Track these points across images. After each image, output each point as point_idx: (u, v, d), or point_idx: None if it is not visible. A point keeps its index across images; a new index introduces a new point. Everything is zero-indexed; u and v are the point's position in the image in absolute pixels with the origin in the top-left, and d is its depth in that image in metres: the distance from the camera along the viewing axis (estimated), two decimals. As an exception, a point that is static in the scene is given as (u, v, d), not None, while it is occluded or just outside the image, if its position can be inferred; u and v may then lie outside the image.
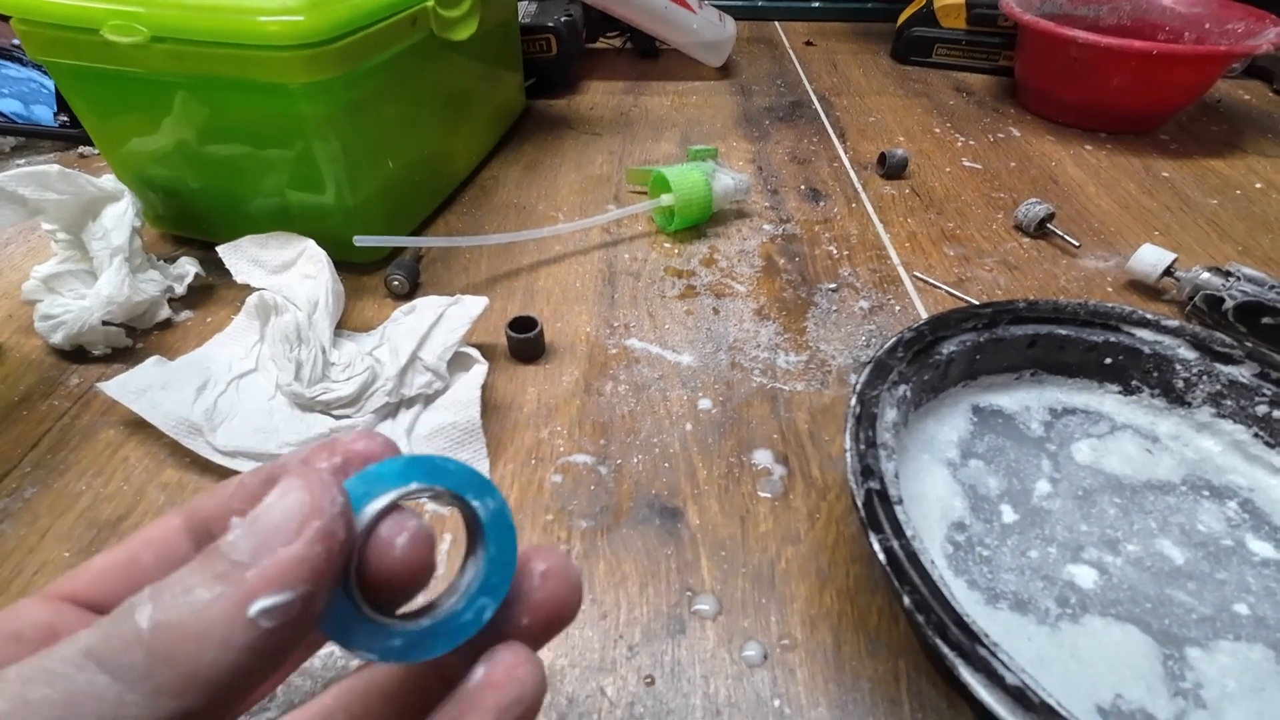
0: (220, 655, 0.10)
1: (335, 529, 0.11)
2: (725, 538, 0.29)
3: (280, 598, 0.10)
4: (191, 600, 0.10)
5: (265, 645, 0.10)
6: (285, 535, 0.11)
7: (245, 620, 0.10)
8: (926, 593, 0.20)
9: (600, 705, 0.24)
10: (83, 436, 0.33)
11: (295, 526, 0.11)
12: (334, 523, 0.11)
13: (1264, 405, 0.29)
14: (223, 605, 0.10)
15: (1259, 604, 0.25)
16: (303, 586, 0.10)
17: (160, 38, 0.34)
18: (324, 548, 0.11)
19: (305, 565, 0.11)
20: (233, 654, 0.10)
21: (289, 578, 0.10)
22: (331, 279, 0.37)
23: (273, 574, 0.10)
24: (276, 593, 0.10)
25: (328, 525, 0.11)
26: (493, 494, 0.13)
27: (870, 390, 0.27)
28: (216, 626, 0.10)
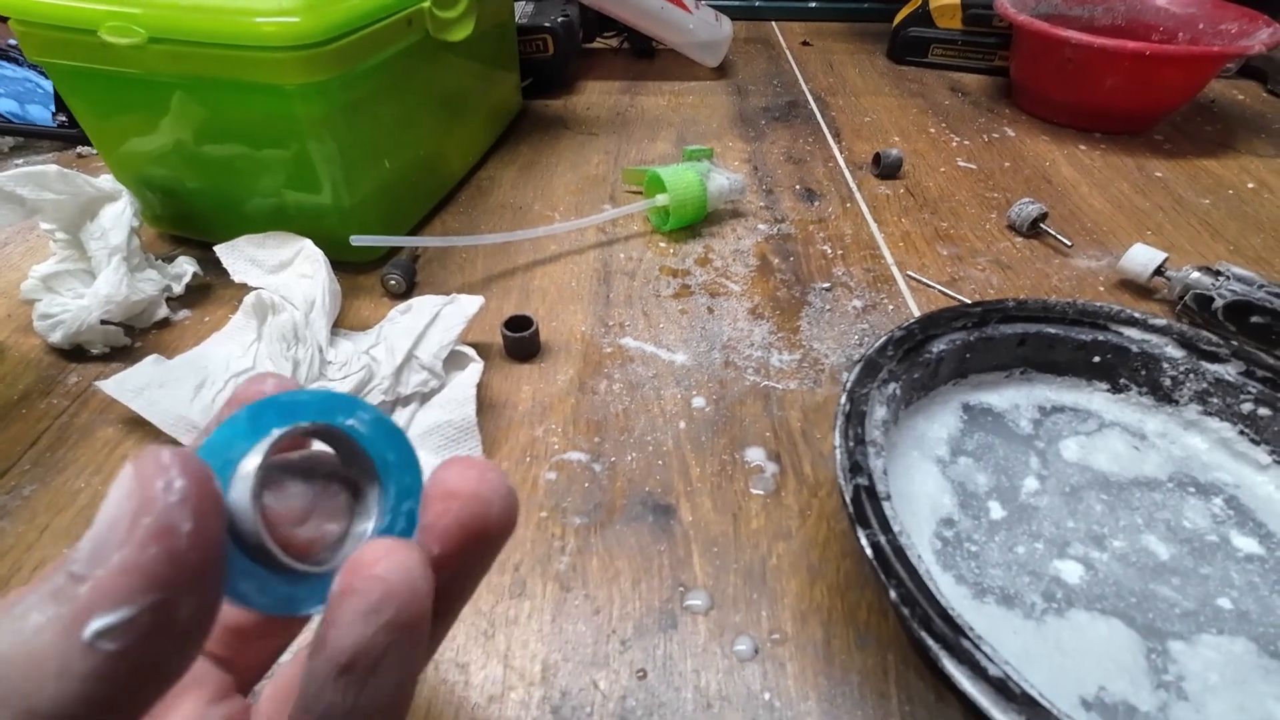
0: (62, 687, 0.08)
1: (174, 521, 0.09)
2: (717, 534, 0.30)
3: (117, 615, 0.09)
4: (22, 627, 0.09)
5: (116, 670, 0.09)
6: (118, 537, 0.09)
7: (81, 646, 0.09)
8: (912, 586, 0.21)
9: (593, 698, 0.24)
10: (81, 434, 0.33)
11: (126, 526, 0.09)
12: (171, 514, 0.09)
13: (1249, 403, 0.29)
14: (54, 631, 0.09)
15: (1242, 598, 0.25)
16: (145, 597, 0.09)
17: (158, 39, 0.35)
18: (161, 548, 0.09)
19: (140, 573, 0.09)
20: (76, 684, 0.08)
21: (123, 591, 0.09)
22: (328, 278, 0.37)
23: (105, 588, 0.09)
24: (111, 610, 0.09)
25: (161, 521, 0.09)
26: (360, 405, 0.13)
27: (860, 388, 0.27)
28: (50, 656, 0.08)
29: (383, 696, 0.11)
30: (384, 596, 0.11)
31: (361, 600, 0.11)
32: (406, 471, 0.13)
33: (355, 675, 0.11)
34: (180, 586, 0.09)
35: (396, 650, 0.11)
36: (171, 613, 0.09)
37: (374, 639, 0.11)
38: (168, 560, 0.09)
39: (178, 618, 0.09)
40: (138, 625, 0.09)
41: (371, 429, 0.13)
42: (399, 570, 0.11)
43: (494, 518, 0.13)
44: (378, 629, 0.11)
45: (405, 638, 0.11)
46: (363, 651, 0.11)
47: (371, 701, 0.11)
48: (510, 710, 0.24)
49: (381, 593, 0.11)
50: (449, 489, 0.13)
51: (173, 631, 0.09)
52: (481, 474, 0.13)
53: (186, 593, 0.09)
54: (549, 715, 0.24)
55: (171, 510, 0.09)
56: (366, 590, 0.11)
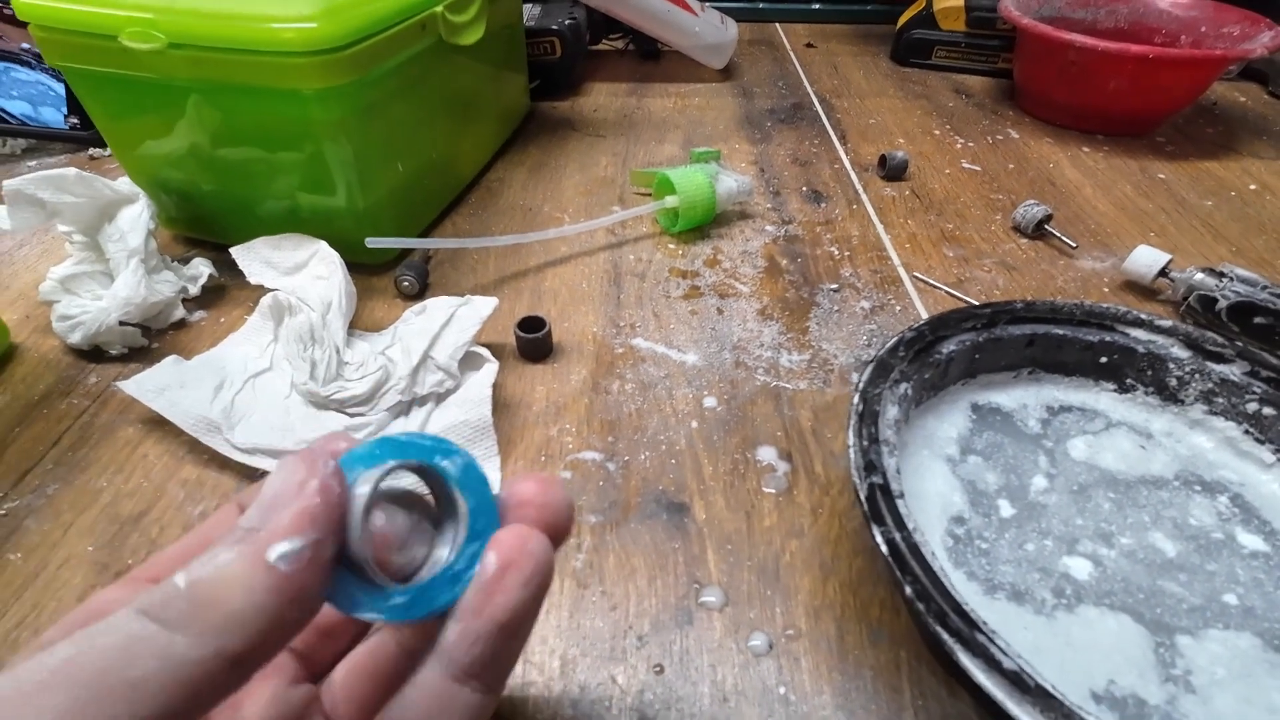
0: (248, 597, 0.12)
1: (331, 484, 0.13)
2: (731, 532, 0.30)
3: (291, 544, 0.12)
4: (217, 561, 0.12)
5: (286, 586, 0.12)
6: (289, 497, 0.13)
7: (265, 566, 0.12)
8: (927, 582, 0.21)
9: (611, 693, 0.25)
10: (102, 434, 0.34)
11: (296, 488, 0.13)
12: (329, 479, 0.13)
13: (1254, 402, 0.30)
14: (243, 558, 0.12)
15: (1247, 594, 0.26)
16: (310, 533, 0.13)
17: (178, 44, 0.35)
18: (323, 500, 0.13)
19: (308, 515, 0.13)
20: (258, 595, 0.12)
21: (297, 526, 0.12)
22: (344, 280, 0.38)
23: (283, 525, 0.12)
24: (287, 540, 0.12)
25: (324, 481, 0.13)
26: (457, 452, 0.15)
27: (873, 388, 0.27)
28: (240, 575, 0.12)
29: (518, 647, 0.15)
30: (536, 568, 0.14)
31: (522, 571, 0.14)
32: (481, 517, 0.15)
33: (509, 631, 0.14)
34: (331, 531, 0.13)
35: (533, 614, 0.14)
36: (323, 551, 0.13)
37: (527, 601, 0.14)
38: (325, 509, 0.13)
39: (325, 556, 0.13)
40: (304, 553, 0.12)
41: (463, 473, 0.15)
42: (543, 548, 0.14)
43: (561, 523, 0.16)
44: (531, 593, 0.14)
45: (539, 605, 0.15)
46: (518, 612, 0.14)
47: (510, 652, 0.14)
48: (530, 704, 0.24)
49: (534, 565, 0.14)
50: (524, 498, 0.16)
51: (322, 565, 0.13)
52: (549, 487, 0.16)
53: (330, 538, 0.13)
54: (569, 709, 0.24)
55: (330, 478, 0.13)
56: (525, 563, 0.14)
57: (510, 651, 0.15)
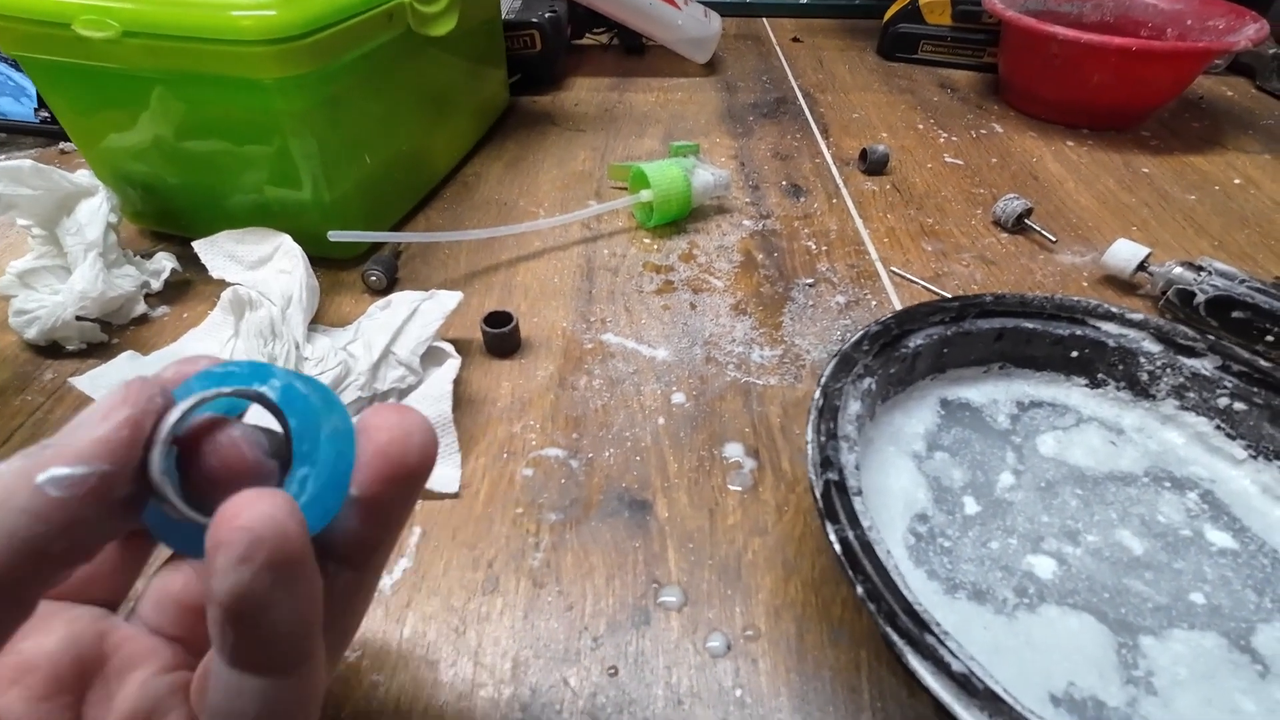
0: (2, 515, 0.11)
1: (145, 420, 0.12)
2: (693, 530, 0.30)
3: (71, 469, 0.11)
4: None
5: (53, 513, 0.11)
6: (94, 421, 0.12)
7: (31, 486, 0.11)
8: (879, 582, 0.20)
9: (563, 695, 0.24)
10: (56, 431, 0.33)
11: (103, 413, 0.12)
12: (146, 416, 0.12)
13: (1225, 397, 0.29)
14: (12, 474, 0.11)
15: (1214, 593, 0.25)
16: (99, 464, 0.11)
17: (132, 32, 0.34)
18: (129, 433, 0.12)
19: (105, 444, 0.11)
20: (11, 515, 0.11)
21: (85, 453, 0.11)
22: (306, 274, 0.37)
23: (68, 449, 0.11)
24: (69, 465, 0.11)
25: (138, 413, 0.12)
26: (276, 374, 0.14)
27: (834, 383, 0.27)
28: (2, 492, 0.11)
29: (283, 631, 0.12)
30: (252, 544, 0.12)
31: (231, 550, 0.12)
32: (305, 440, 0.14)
33: (245, 617, 0.12)
34: (126, 468, 0.12)
35: (282, 589, 0.12)
36: (112, 486, 0.12)
37: (253, 582, 0.12)
38: (128, 444, 0.12)
39: (113, 494, 0.12)
40: (85, 482, 0.11)
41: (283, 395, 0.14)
42: (262, 518, 0.12)
43: (414, 449, 0.14)
44: (255, 572, 0.12)
45: (285, 576, 0.12)
46: (245, 595, 0.12)
47: (272, 636, 0.12)
48: (479, 708, 0.24)
49: (248, 541, 0.12)
50: (370, 425, 0.14)
51: (103, 502, 0.12)
52: (402, 413, 0.14)
53: (128, 478, 0.12)
54: (518, 713, 0.24)
55: (145, 413, 0.12)
56: (233, 541, 0.12)
57: (277, 632, 0.12)
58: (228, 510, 0.12)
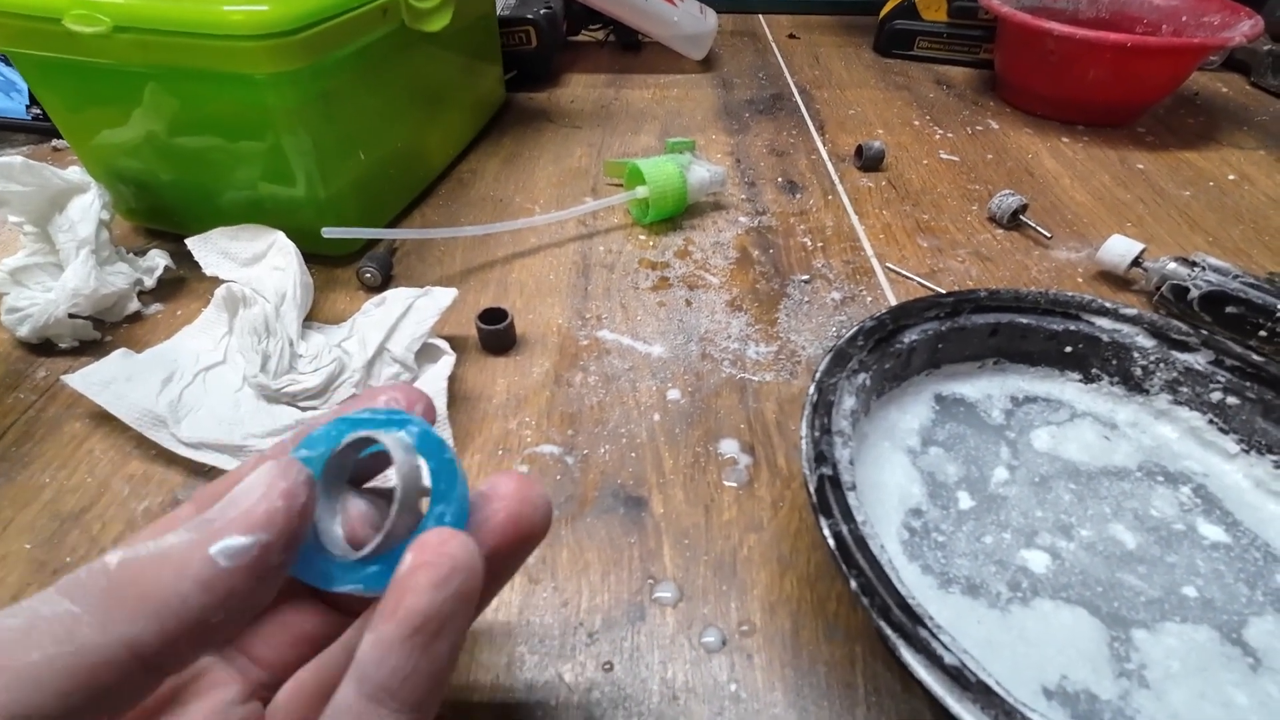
0: (175, 584, 0.11)
1: (298, 490, 0.13)
2: (689, 526, 0.30)
3: (240, 540, 0.12)
4: (160, 543, 0.12)
5: (221, 583, 0.11)
6: (253, 497, 0.13)
7: (204, 556, 0.11)
8: (872, 576, 0.20)
9: (558, 691, 0.24)
10: (48, 429, 0.33)
11: (263, 489, 0.13)
12: (298, 485, 0.13)
13: (1218, 392, 0.29)
14: (185, 544, 0.12)
15: (1207, 586, 0.25)
16: (261, 533, 0.12)
17: (123, 27, 0.34)
18: (285, 504, 0.13)
19: (266, 515, 0.12)
20: (187, 584, 0.11)
21: (250, 524, 0.12)
22: (300, 271, 0.37)
23: (236, 519, 0.12)
24: (237, 535, 0.12)
25: (292, 485, 0.13)
26: (414, 421, 0.15)
27: (829, 378, 0.27)
28: (175, 558, 0.11)
29: (439, 661, 0.13)
30: (453, 570, 0.13)
31: (435, 571, 0.13)
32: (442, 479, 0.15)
33: (423, 638, 0.13)
34: (284, 538, 0.13)
35: (456, 619, 0.13)
36: (270, 555, 0.12)
37: (443, 605, 0.13)
38: (285, 514, 0.13)
39: (272, 561, 0.12)
40: (250, 551, 0.12)
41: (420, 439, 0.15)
42: (463, 550, 0.13)
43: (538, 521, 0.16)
44: (447, 597, 0.13)
45: (463, 608, 0.13)
46: (433, 616, 0.13)
47: (430, 665, 0.13)
48: (473, 704, 0.24)
49: (450, 566, 0.13)
50: (500, 493, 0.16)
51: (266, 571, 0.12)
52: (528, 484, 0.16)
53: (285, 545, 0.13)
54: (513, 709, 0.24)
55: (299, 485, 0.13)
56: (439, 563, 0.13)
57: (430, 666, 0.13)
58: (431, 539, 0.13)
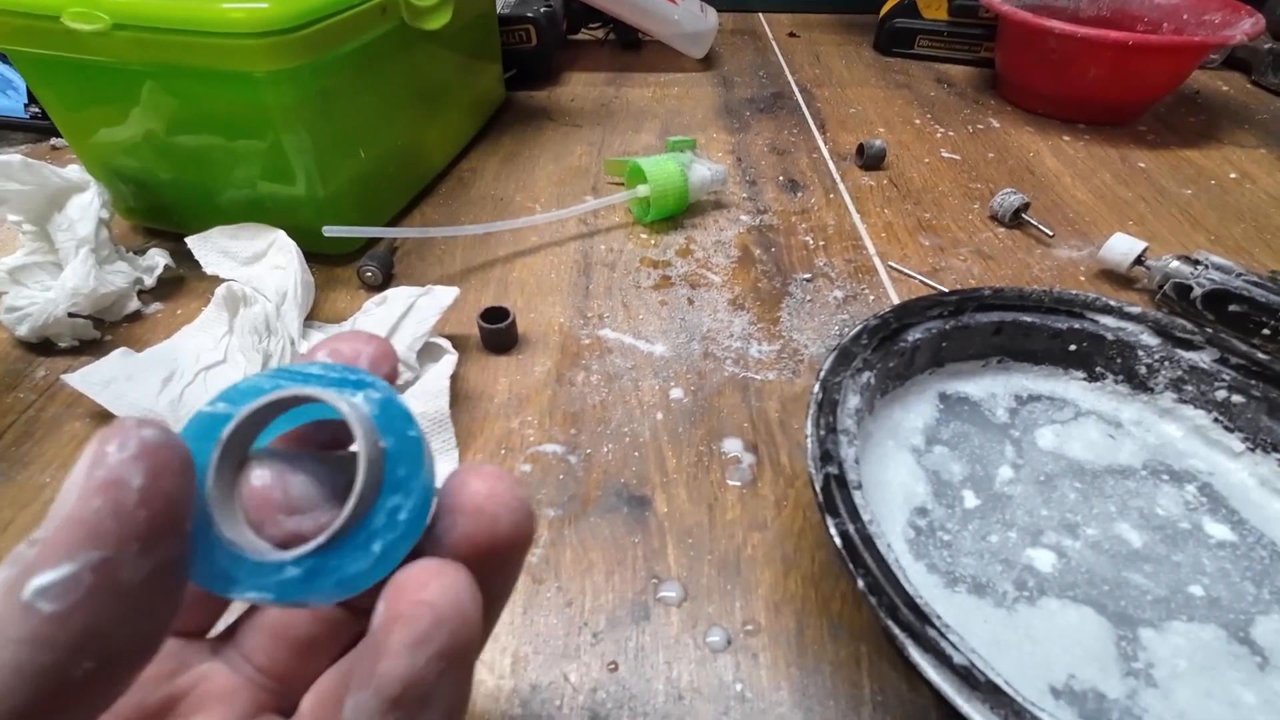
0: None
1: (122, 475, 0.09)
2: (692, 525, 0.29)
3: (55, 573, 0.08)
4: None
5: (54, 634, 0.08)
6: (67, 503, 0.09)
7: (20, 606, 0.08)
8: (880, 575, 0.20)
9: (563, 691, 0.24)
10: (48, 429, 0.33)
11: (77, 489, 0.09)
12: (121, 468, 0.09)
13: (1223, 390, 0.29)
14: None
15: (1213, 585, 0.25)
16: (86, 552, 0.08)
17: (122, 25, 0.34)
18: (106, 500, 0.09)
19: (82, 527, 0.09)
20: (9, 648, 0.08)
21: (65, 546, 0.08)
22: (301, 270, 0.37)
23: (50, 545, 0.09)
24: (53, 567, 0.08)
25: (110, 474, 0.09)
26: (375, 383, 0.12)
27: (833, 377, 0.27)
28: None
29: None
30: (434, 624, 0.10)
31: (410, 628, 0.10)
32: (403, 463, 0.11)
33: (406, 709, 0.10)
34: (126, 544, 0.09)
35: (448, 679, 0.10)
36: (116, 572, 0.09)
37: (425, 669, 0.10)
38: (112, 514, 0.09)
39: (122, 579, 0.09)
40: (78, 583, 0.08)
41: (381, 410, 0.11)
42: (447, 594, 0.10)
43: (502, 533, 0.12)
44: (429, 659, 0.10)
45: (456, 666, 0.10)
46: (414, 683, 0.10)
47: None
48: (479, 704, 0.24)
49: (431, 620, 0.10)
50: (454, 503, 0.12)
51: (117, 594, 0.09)
52: (491, 486, 0.12)
53: (134, 553, 0.09)
54: (518, 709, 0.24)
55: (123, 465, 0.09)
56: (415, 617, 0.10)
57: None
58: (410, 580, 0.10)
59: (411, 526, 0.11)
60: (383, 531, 0.11)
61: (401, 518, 0.11)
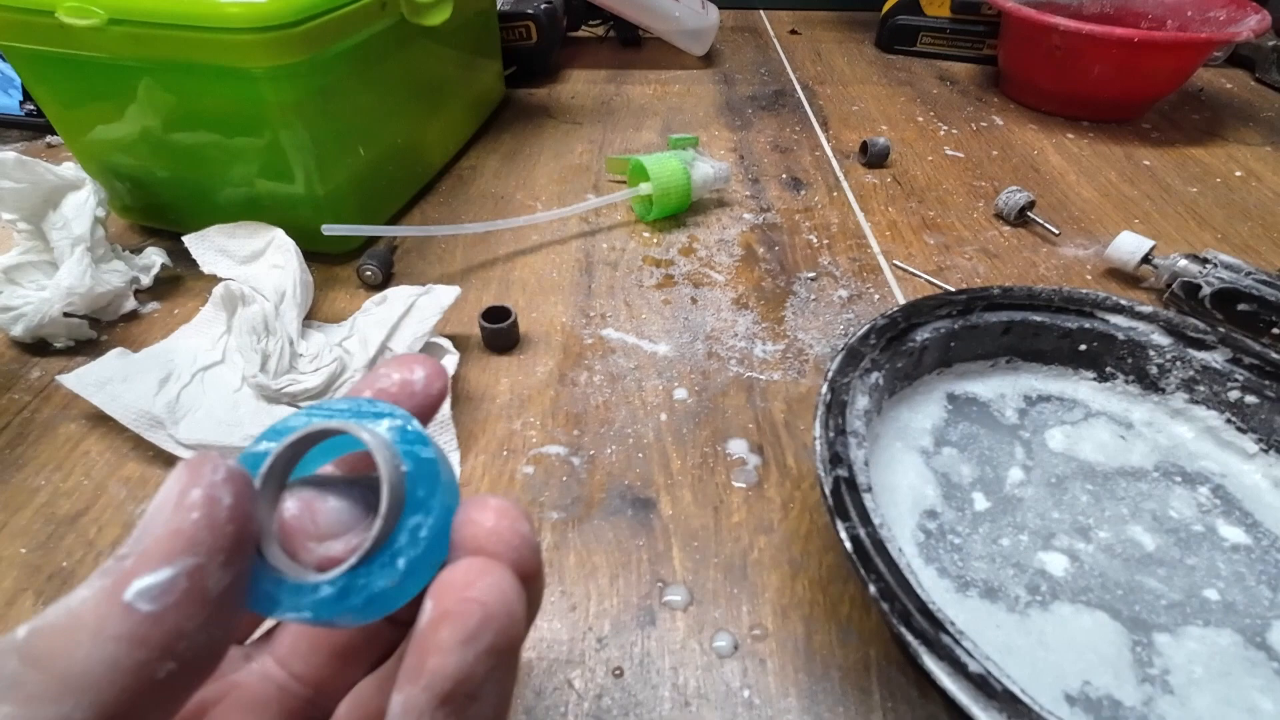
0: (93, 650, 0.09)
1: (217, 493, 0.10)
2: (698, 528, 0.29)
3: (156, 576, 0.09)
4: (69, 603, 0.09)
5: (149, 632, 0.09)
6: (163, 516, 0.10)
7: (121, 607, 0.09)
8: (892, 581, 0.20)
9: (568, 698, 0.24)
10: (42, 431, 0.32)
11: (174, 502, 0.10)
12: (215, 487, 0.10)
13: (1236, 390, 0.29)
14: (96, 597, 0.09)
15: (1228, 589, 0.25)
16: (185, 558, 0.10)
17: (118, 20, 0.33)
18: (203, 514, 0.10)
19: (183, 536, 0.10)
20: (109, 645, 0.09)
21: (165, 553, 0.10)
22: (300, 269, 0.36)
23: (150, 550, 0.10)
24: (152, 571, 0.09)
25: (209, 491, 0.10)
26: (394, 414, 0.12)
27: (841, 377, 0.26)
28: (89, 618, 0.09)
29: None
30: (484, 620, 0.10)
31: (460, 625, 0.10)
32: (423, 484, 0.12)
33: (456, 704, 0.10)
34: (216, 554, 0.10)
35: (496, 675, 0.11)
36: (205, 580, 0.10)
37: (475, 665, 0.10)
38: (208, 526, 0.10)
39: (209, 586, 0.10)
40: (175, 587, 0.09)
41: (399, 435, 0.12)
42: (494, 591, 0.11)
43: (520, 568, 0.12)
44: (478, 654, 0.10)
45: (503, 661, 0.11)
46: (465, 679, 0.10)
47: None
48: (482, 711, 0.23)
49: (480, 617, 0.10)
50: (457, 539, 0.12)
51: (205, 600, 0.10)
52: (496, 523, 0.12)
53: (220, 563, 0.10)
54: (522, 716, 0.23)
55: (217, 485, 0.10)
56: (465, 613, 0.10)
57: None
58: (455, 578, 0.11)
59: (434, 543, 0.12)
60: (407, 549, 0.11)
61: (423, 535, 0.12)
